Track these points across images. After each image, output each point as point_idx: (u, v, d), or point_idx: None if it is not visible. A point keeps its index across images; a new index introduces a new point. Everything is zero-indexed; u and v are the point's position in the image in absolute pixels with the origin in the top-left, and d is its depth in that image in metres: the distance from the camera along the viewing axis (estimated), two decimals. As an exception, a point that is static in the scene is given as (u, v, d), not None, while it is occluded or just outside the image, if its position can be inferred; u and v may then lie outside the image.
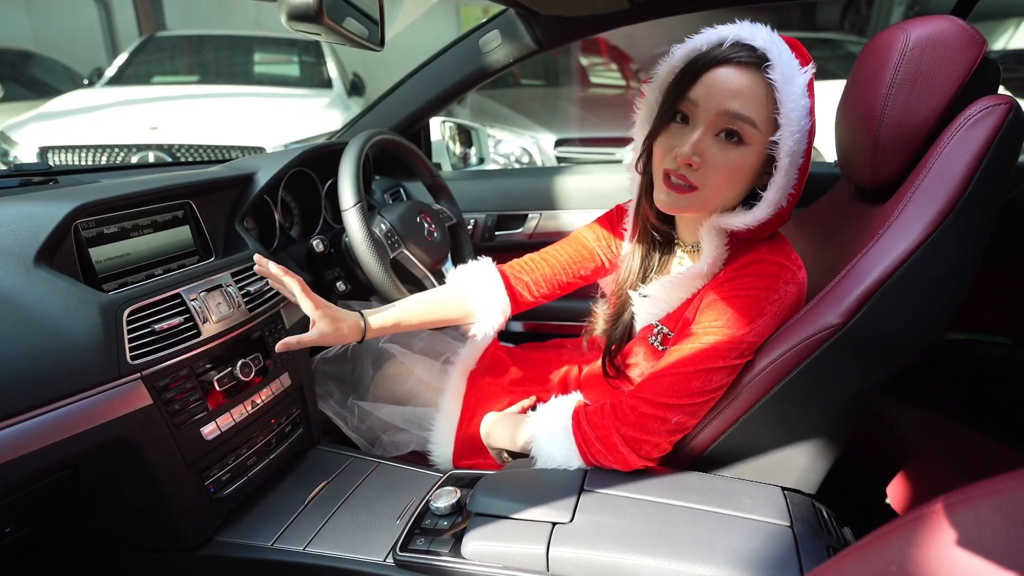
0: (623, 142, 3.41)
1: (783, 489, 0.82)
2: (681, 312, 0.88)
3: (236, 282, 0.95)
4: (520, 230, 1.59)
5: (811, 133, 0.78)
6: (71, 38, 6.69)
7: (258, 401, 0.94)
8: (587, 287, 1.10)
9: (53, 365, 0.70)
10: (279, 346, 0.84)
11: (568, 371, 1.18)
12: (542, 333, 1.57)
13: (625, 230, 1.01)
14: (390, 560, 0.81)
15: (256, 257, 0.87)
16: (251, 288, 0.97)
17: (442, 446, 1.04)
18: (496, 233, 1.60)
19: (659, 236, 0.94)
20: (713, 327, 0.81)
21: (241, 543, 0.87)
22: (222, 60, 4.67)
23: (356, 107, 4.53)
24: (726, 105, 0.75)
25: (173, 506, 0.83)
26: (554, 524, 0.75)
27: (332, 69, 4.59)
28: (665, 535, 0.72)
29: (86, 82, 4.26)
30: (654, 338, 0.91)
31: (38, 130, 3.22)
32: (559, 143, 3.56)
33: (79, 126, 3.28)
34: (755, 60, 0.74)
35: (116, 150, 3.07)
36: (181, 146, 3.15)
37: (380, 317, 0.94)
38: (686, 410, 0.81)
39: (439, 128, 1.84)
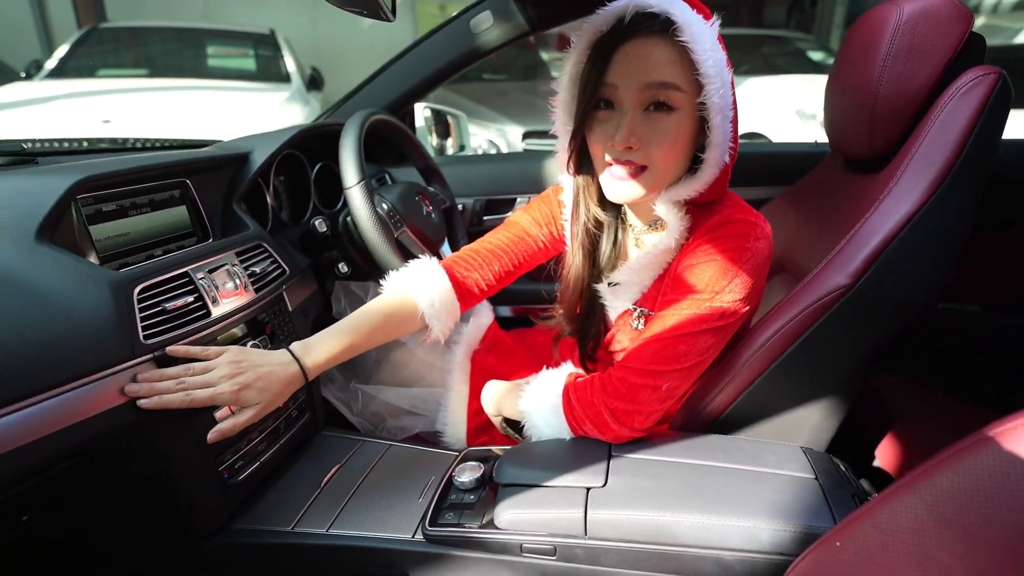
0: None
1: (800, 447, 0.85)
2: (657, 289, 0.88)
3: (241, 262, 0.91)
4: (509, 214, 1.58)
5: (732, 84, 0.77)
6: (2, 30, 6.29)
7: (267, 384, 0.91)
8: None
9: (64, 345, 0.66)
10: (212, 435, 0.74)
11: (564, 354, 1.18)
12: (531, 319, 1.57)
13: (566, 221, 0.96)
14: (419, 536, 0.80)
15: (170, 349, 0.75)
16: (255, 269, 0.93)
17: (455, 426, 1.04)
18: (484, 218, 1.60)
19: (607, 224, 0.92)
20: (691, 295, 0.80)
21: (258, 529, 0.84)
22: (173, 53, 4.48)
23: (315, 101, 4.41)
24: (647, 78, 0.73)
25: (188, 493, 0.79)
26: (588, 489, 0.76)
27: (290, 63, 4.47)
28: (699, 492, 0.74)
29: (23, 75, 4.01)
30: (635, 321, 0.90)
31: (-25, 123, 3.02)
32: (527, 135, 3.55)
33: (21, 119, 3.08)
34: (660, 26, 0.72)
35: (68, 144, 2.89)
36: (137, 140, 2.99)
37: (317, 355, 0.82)
38: (675, 375, 0.81)
39: (420, 113, 1.81)
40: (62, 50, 4.10)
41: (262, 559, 0.83)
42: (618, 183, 0.79)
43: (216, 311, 0.83)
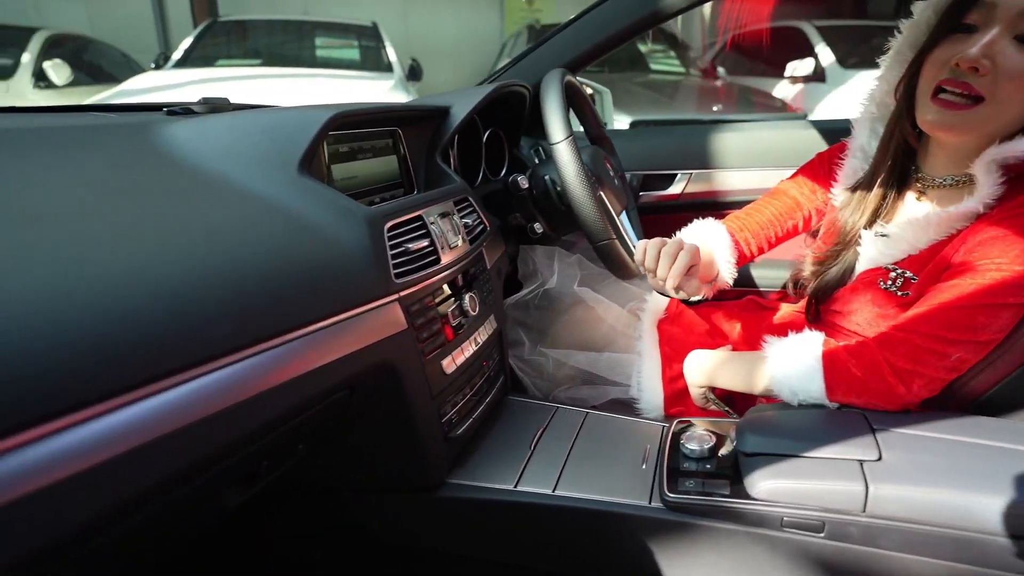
0: (700, 124, 3.32)
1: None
2: (932, 254, 0.80)
3: (458, 212, 0.89)
4: (668, 191, 1.52)
5: None
6: (123, 26, 6.77)
7: (479, 340, 0.89)
8: None
9: (333, 277, 0.64)
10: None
11: (745, 327, 1.11)
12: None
13: (839, 167, 0.95)
14: (657, 503, 0.75)
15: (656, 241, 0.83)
16: (468, 221, 0.91)
17: (651, 392, 0.98)
18: (640, 193, 1.53)
19: (897, 168, 0.87)
20: (999, 263, 0.72)
21: (481, 485, 0.81)
22: (283, 44, 4.67)
23: (414, 92, 4.48)
24: None
25: (421, 441, 0.77)
26: (862, 462, 0.68)
27: (391, 53, 4.57)
28: (1001, 474, 0.65)
29: (153, 65, 4.28)
30: (889, 283, 0.83)
31: (119, 106, 3.23)
32: (634, 124, 3.48)
33: (162, 101, 3.27)
34: None
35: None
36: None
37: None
38: (969, 347, 0.74)
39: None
40: (186, 42, 4.34)
41: (485, 515, 0.80)
42: (942, 110, 0.74)
43: (444, 258, 0.81)
